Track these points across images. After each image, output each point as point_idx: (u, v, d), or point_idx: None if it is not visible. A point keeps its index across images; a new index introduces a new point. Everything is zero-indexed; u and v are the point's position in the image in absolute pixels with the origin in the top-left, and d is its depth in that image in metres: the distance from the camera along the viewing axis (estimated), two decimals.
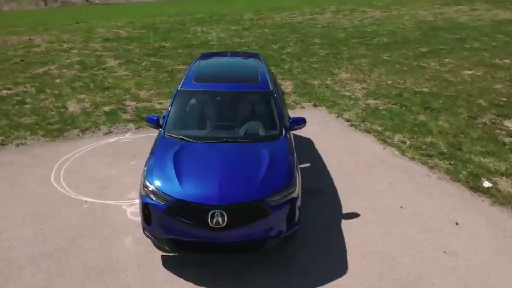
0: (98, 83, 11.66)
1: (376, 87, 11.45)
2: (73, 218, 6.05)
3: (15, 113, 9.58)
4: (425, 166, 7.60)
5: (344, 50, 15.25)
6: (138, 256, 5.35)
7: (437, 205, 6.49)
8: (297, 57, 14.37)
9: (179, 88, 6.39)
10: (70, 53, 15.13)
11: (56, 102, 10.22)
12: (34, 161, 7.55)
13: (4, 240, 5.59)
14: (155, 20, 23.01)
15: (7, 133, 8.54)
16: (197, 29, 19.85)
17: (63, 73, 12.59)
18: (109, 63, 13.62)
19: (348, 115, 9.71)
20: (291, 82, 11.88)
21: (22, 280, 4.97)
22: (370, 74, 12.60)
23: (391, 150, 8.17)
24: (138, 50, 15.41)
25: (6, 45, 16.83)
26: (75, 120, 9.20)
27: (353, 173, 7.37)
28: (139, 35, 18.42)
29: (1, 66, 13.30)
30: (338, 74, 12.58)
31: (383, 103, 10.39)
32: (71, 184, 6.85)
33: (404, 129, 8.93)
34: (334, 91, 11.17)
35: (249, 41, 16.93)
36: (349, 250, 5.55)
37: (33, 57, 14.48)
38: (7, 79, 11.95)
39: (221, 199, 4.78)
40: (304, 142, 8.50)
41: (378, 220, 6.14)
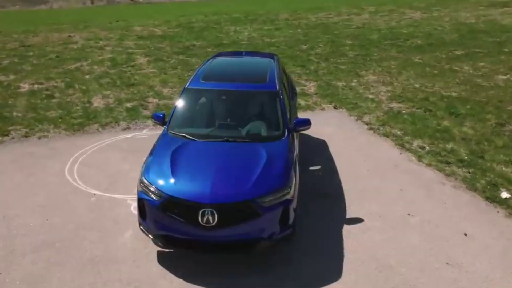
0: (125, 79, 11.95)
1: (402, 90, 11.14)
2: (80, 210, 6.24)
3: (42, 106, 9.97)
4: (441, 173, 7.34)
5: (375, 51, 14.94)
6: (135, 250, 5.45)
7: (448, 214, 6.25)
8: (325, 58, 14.20)
9: (186, 86, 6.47)
10: (104, 50, 15.59)
11: (82, 97, 10.57)
12: (52, 154, 7.84)
13: (12, 228, 5.84)
14: (191, 19, 23.34)
15: (32, 126, 8.91)
16: (231, 28, 19.98)
17: (93, 69, 13.00)
18: (138, 61, 13.94)
19: (368, 118, 9.50)
20: (315, 83, 11.75)
21: (23, 267, 5.17)
22: (398, 76, 12.28)
23: (407, 156, 7.93)
24: (169, 48, 15.69)
25: (47, 41, 17.53)
26: (97, 115, 9.48)
27: (364, 178, 7.21)
28: (172, 34, 18.74)
29: (37, 62, 13.88)
30: (364, 76, 12.34)
31: (407, 107, 10.11)
32: (83, 177, 7.07)
33: (425, 135, 8.64)
34: (358, 93, 10.96)
35: (279, 41, 16.88)
36: (347, 255, 5.43)
37: (68, 53, 15.03)
38: (40, 74, 12.46)
39: (212, 197, 4.79)
40: (318, 144, 8.40)
41: (382, 226, 5.98)
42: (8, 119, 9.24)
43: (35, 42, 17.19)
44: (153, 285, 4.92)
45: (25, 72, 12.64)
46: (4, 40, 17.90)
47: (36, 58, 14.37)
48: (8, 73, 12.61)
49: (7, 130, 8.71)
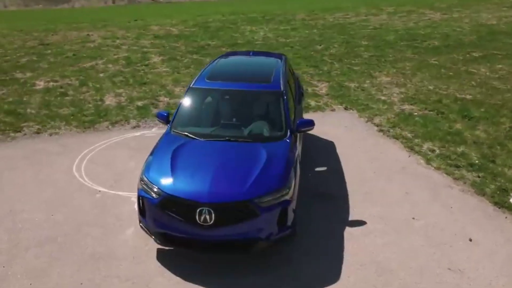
0: (138, 78, 12.07)
1: (415, 92, 10.98)
2: (84, 207, 6.32)
3: (56, 104, 10.14)
4: (449, 177, 7.21)
5: (390, 52, 14.76)
6: (135, 247, 5.50)
7: (453, 219, 6.14)
8: (339, 58, 14.09)
9: (190, 86, 6.50)
10: (120, 49, 15.77)
11: (95, 95, 10.72)
12: (62, 150, 7.96)
13: (18, 223, 5.96)
14: (208, 19, 23.43)
15: (44, 123, 9.07)
16: (246, 28, 19.99)
17: (108, 68, 13.16)
18: (152, 60, 14.07)
19: (378, 120, 9.40)
20: (327, 84, 11.67)
21: (26, 261, 5.27)
22: (412, 78, 12.11)
23: (416, 158, 7.82)
24: (183, 48, 15.78)
25: (66, 40, 17.82)
26: (108, 113, 9.60)
27: (370, 180, 7.13)
28: (188, 33, 18.85)
29: (54, 60, 14.13)
30: (377, 77, 12.20)
31: (419, 109, 9.96)
32: (90, 174, 7.16)
33: (435, 137, 8.50)
34: (370, 95, 10.85)
35: (294, 41, 16.82)
36: (347, 258, 5.38)
37: (85, 52, 15.25)
38: (56, 71, 12.67)
39: (209, 196, 4.80)
40: (325, 145, 8.34)
41: (384, 230, 5.91)
42: (21, 115, 9.43)
43: (54, 41, 17.50)
44: (151, 282, 4.96)
45: (42, 70, 12.88)
46: (25, 38, 18.27)
47: (54, 56, 14.63)
48: (25, 70, 12.86)
49: (20, 126, 8.90)
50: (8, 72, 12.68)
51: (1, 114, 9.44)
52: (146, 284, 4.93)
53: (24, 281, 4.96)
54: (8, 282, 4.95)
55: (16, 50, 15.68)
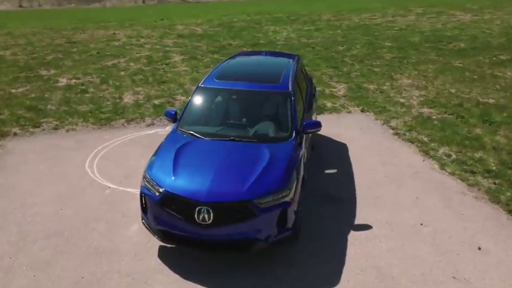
0: (158, 77, 12.22)
1: (436, 95, 10.73)
2: (93, 202, 6.44)
3: (76, 100, 10.37)
4: (463, 183, 7.02)
5: (413, 54, 14.46)
6: (138, 244, 5.56)
7: (463, 226, 5.96)
8: (360, 60, 13.90)
9: (199, 85, 6.54)
10: (143, 47, 16.00)
11: (114, 93, 10.90)
12: (77, 146, 8.13)
13: (28, 216, 6.11)
14: (233, 19, 23.52)
15: (62, 119, 9.28)
16: (270, 28, 19.96)
17: (129, 66, 13.37)
18: (173, 59, 14.21)
19: (395, 123, 9.22)
20: (345, 85, 11.53)
21: (31, 253, 5.40)
22: (433, 81, 11.83)
23: (430, 163, 7.64)
24: (205, 47, 15.88)
25: (92, 38, 18.21)
26: (125, 110, 9.75)
27: (380, 184, 7.01)
28: (212, 33, 18.97)
29: (78, 57, 14.45)
30: (398, 80, 11.98)
31: (438, 112, 9.72)
32: (101, 170, 7.29)
33: (452, 142, 8.29)
34: (388, 97, 10.66)
35: (316, 41, 16.70)
36: (348, 262, 5.30)
37: (109, 50, 15.54)
38: (79, 69, 12.96)
39: (208, 196, 4.82)
40: (338, 147, 8.24)
41: (390, 235, 5.79)
42: (42, 111, 9.68)
43: (81, 39, 17.90)
44: (150, 279, 5.00)
45: (66, 67, 13.19)
46: (54, 36, 18.76)
47: (78, 54, 14.97)
48: (50, 67, 13.21)
49: (39, 122, 9.13)
50: (33, 69, 13.05)
51: (23, 110, 9.72)
52: (145, 281, 4.99)
53: (28, 273, 5.08)
54: (13, 273, 5.09)
55: (44, 47, 16.12)
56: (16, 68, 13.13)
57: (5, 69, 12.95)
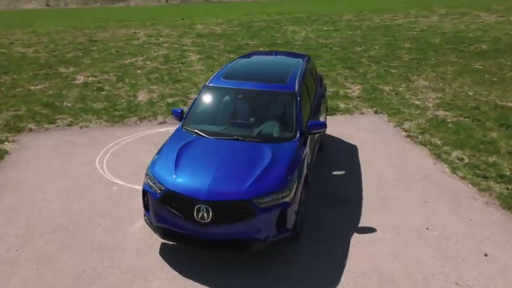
0: (173, 76, 12.32)
1: (453, 98, 10.52)
2: (100, 198, 6.54)
3: (91, 98, 10.54)
4: (475, 188, 6.86)
5: (432, 56, 14.20)
6: (141, 240, 5.62)
7: (471, 232, 5.83)
8: (377, 61, 13.73)
9: (206, 84, 6.56)
10: (161, 46, 16.16)
11: (129, 91, 11.04)
12: (89, 143, 8.27)
13: (36, 210, 6.25)
14: (253, 18, 23.55)
15: (77, 116, 9.45)
16: (289, 28, 19.90)
17: (146, 64, 13.52)
18: (190, 58, 14.30)
19: (408, 125, 9.07)
20: (360, 87, 11.40)
21: (37, 246, 5.52)
22: (451, 83, 11.60)
23: (441, 167, 7.49)
24: (222, 47, 15.94)
25: (113, 37, 18.49)
26: (138, 108, 9.87)
27: (388, 186, 6.91)
28: (231, 32, 19.02)
29: (98, 56, 14.69)
30: (415, 81, 11.78)
31: (454, 115, 9.52)
32: (111, 166, 7.40)
33: (466, 146, 8.11)
34: (403, 99, 10.50)
35: (334, 42, 16.56)
36: (349, 265, 5.25)
37: (128, 48, 15.75)
38: (97, 67, 13.18)
39: (208, 194, 4.83)
40: (348, 148, 8.16)
41: (394, 238, 5.71)
42: (57, 108, 9.87)
43: (102, 38, 18.20)
44: (149, 275, 5.06)
45: (84, 65, 13.43)
46: (76, 34, 19.12)
47: (98, 52, 15.22)
48: (69, 65, 13.47)
49: (54, 118, 9.32)
50: (53, 66, 13.33)
51: (39, 106, 9.94)
52: (145, 277, 5.04)
53: (32, 265, 5.20)
54: (18, 265, 5.21)
55: (65, 45, 16.45)
56: (37, 65, 13.44)
57: (26, 66, 13.27)
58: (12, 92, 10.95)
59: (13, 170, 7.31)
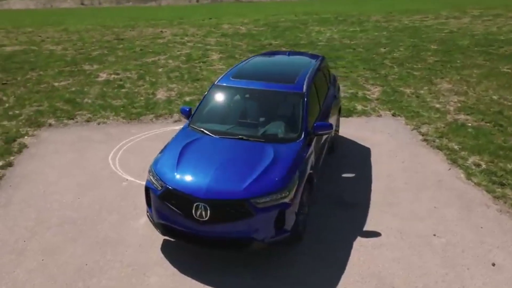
0: (193, 74, 12.44)
1: (475, 102, 10.22)
2: (109, 193, 6.67)
3: (111, 95, 10.77)
4: (489, 195, 6.64)
5: (458, 58, 13.83)
6: (144, 236, 5.70)
7: (480, 240, 5.65)
8: (400, 62, 13.47)
9: (215, 83, 6.59)
10: (185, 45, 16.35)
11: (149, 89, 11.22)
12: (105, 139, 8.45)
13: (48, 203, 6.43)
14: (280, 18, 23.53)
15: (96, 112, 9.67)
16: (315, 28, 19.79)
17: (168, 63, 13.71)
18: (211, 57, 14.41)
19: (426, 129, 8.87)
20: (380, 88, 11.22)
21: (44, 238, 5.68)
22: (475, 86, 11.27)
23: (456, 172, 7.29)
24: (245, 47, 15.99)
25: (140, 35, 18.84)
26: (156, 106, 10.01)
27: (398, 190, 6.77)
28: (255, 32, 19.06)
29: (122, 54, 14.99)
30: (437, 84, 11.51)
31: (475, 119, 9.25)
32: (123, 162, 7.53)
33: (485, 151, 7.87)
34: (424, 102, 10.27)
35: (358, 43, 16.35)
36: (349, 268, 5.18)
37: (152, 47, 16.01)
38: (120, 65, 13.45)
39: (206, 193, 4.85)
40: (361, 151, 8.04)
41: (399, 244, 5.59)
42: (78, 104, 10.13)
43: (129, 36, 18.56)
44: (149, 271, 5.12)
45: (108, 63, 13.73)
46: (105, 33, 19.58)
47: (123, 50, 15.53)
48: (93, 63, 13.80)
49: (74, 114, 9.57)
50: (78, 63, 13.69)
51: (61, 102, 10.22)
52: (144, 272, 5.11)
53: (38, 256, 5.35)
54: (24, 256, 5.37)
55: (93, 43, 16.86)
56: (63, 62, 13.84)
57: (53, 63, 13.67)
58: (37, 88, 11.31)
59: (29, 163, 7.54)
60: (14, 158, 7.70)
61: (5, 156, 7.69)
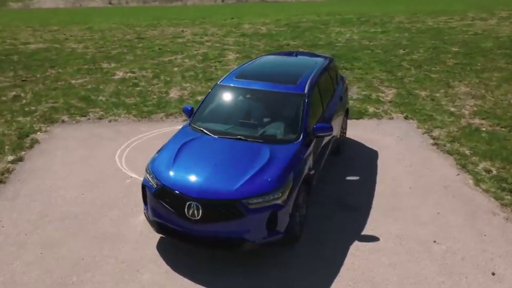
0: (208, 74, 12.51)
1: (492, 106, 9.94)
2: (112, 190, 6.77)
3: (125, 93, 10.93)
4: (497, 202, 6.46)
5: (479, 61, 13.47)
6: (141, 233, 5.77)
7: (482, 248, 5.50)
8: (418, 64, 13.21)
9: (218, 83, 6.61)
10: (203, 45, 16.45)
11: (162, 88, 11.34)
12: (114, 136, 8.58)
13: (52, 198, 6.57)
14: (302, 19, 23.42)
15: (108, 110, 9.83)
16: (335, 29, 19.60)
17: (184, 62, 13.82)
18: (228, 57, 14.46)
19: (438, 133, 8.68)
20: (395, 91, 11.03)
21: (46, 232, 5.81)
22: (494, 90, 10.96)
23: (464, 177, 7.11)
24: (263, 47, 15.97)
25: (161, 35, 19.05)
26: (167, 105, 10.11)
27: (402, 195, 6.65)
28: (275, 32, 19.02)
29: (141, 53, 15.20)
30: (455, 87, 11.24)
31: (490, 124, 9.00)
32: (129, 160, 7.64)
33: (497, 157, 7.64)
34: (438, 105, 10.05)
35: (377, 44, 16.12)
36: (343, 272, 5.12)
37: (171, 46, 16.17)
38: (137, 64, 13.64)
39: (198, 192, 4.87)
40: (368, 154, 7.93)
41: (396, 249, 5.49)
42: (92, 101, 10.32)
43: (150, 35, 18.80)
44: (142, 268, 5.18)
45: (126, 62, 13.94)
46: (127, 32, 19.89)
47: (142, 49, 15.74)
48: (111, 61, 14.03)
49: (87, 111, 9.75)
50: (97, 62, 13.95)
51: (76, 99, 10.43)
52: (137, 269, 5.17)
53: (37, 250, 5.48)
54: (25, 248, 5.51)
55: (114, 42, 17.15)
56: (82, 60, 14.13)
57: (72, 61, 13.97)
58: (54, 85, 11.57)
59: (39, 159, 7.72)
60: (25, 153, 7.90)
61: (16, 151, 7.90)
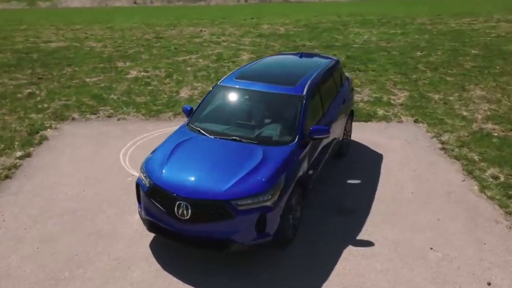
0: (220, 74, 12.53)
1: (507, 110, 9.66)
2: (113, 188, 6.86)
3: (137, 92, 11.06)
4: (501, 210, 6.28)
5: (498, 64, 13.11)
6: (136, 231, 5.82)
7: (480, 257, 5.36)
8: (435, 67, 12.94)
9: (217, 83, 6.62)
10: (219, 45, 16.51)
11: (173, 87, 11.43)
12: (121, 134, 8.69)
13: (54, 194, 6.70)
14: (321, 19, 23.26)
15: (118, 108, 9.97)
16: (354, 30, 19.40)
17: (198, 62, 13.90)
18: (241, 57, 14.47)
19: (447, 137, 8.49)
20: (407, 93, 10.84)
21: (45, 227, 5.92)
22: (511, 94, 10.64)
23: (470, 184, 6.94)
24: (278, 47, 15.93)
25: (179, 34, 19.22)
26: (176, 104, 10.19)
27: (403, 200, 6.53)
28: (293, 33, 18.95)
29: (157, 52, 15.36)
30: (470, 91, 10.97)
31: (502, 129, 8.75)
32: (132, 158, 7.72)
33: (507, 163, 7.44)
34: (450, 109, 9.83)
35: (394, 46, 15.87)
36: (333, 277, 5.06)
37: (187, 46, 16.29)
38: (151, 63, 13.79)
39: (188, 192, 4.89)
40: (373, 157, 7.82)
41: (390, 255, 5.39)
42: (103, 100, 10.49)
43: (168, 35, 18.99)
44: (133, 265, 5.23)
45: (141, 61, 14.12)
46: (147, 31, 20.13)
47: (158, 49, 15.91)
48: (127, 60, 14.22)
49: (98, 109, 9.91)
50: (112, 60, 14.16)
51: (88, 97, 10.61)
52: (128, 266, 5.22)
53: (34, 244, 5.59)
54: (22, 243, 5.63)
55: (132, 41, 17.39)
56: (98, 59, 14.37)
57: (89, 60, 14.23)
58: (69, 83, 11.81)
59: (47, 155, 7.89)
60: (34, 149, 8.09)
61: (25, 147, 8.09)
